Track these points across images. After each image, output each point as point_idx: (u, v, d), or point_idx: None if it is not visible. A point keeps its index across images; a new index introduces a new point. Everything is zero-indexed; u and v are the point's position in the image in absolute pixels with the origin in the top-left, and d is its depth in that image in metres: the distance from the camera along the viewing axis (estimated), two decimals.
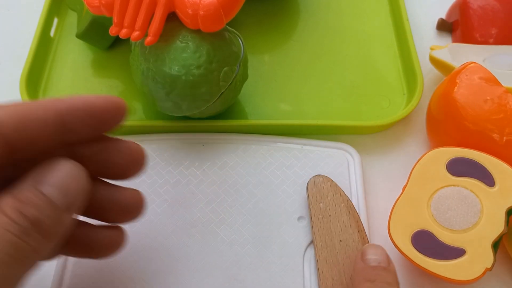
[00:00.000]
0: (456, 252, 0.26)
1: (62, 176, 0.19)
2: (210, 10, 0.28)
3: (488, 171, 0.28)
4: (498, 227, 0.27)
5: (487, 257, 0.26)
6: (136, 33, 0.29)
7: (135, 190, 0.25)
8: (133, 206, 0.24)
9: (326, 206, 0.30)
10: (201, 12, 0.28)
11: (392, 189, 0.32)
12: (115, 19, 0.29)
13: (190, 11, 0.28)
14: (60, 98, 0.21)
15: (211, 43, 0.30)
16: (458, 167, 0.29)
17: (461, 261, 0.26)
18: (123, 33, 0.29)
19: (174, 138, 0.34)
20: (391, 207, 0.29)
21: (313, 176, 0.31)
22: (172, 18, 0.30)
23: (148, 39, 0.29)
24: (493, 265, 0.26)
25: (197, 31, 0.30)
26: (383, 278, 0.25)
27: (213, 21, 0.29)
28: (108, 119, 0.22)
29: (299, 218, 0.30)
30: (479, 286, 0.29)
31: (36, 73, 0.37)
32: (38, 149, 0.20)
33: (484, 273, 0.26)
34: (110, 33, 0.30)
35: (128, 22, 0.29)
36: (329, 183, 0.30)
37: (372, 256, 0.26)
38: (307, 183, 0.31)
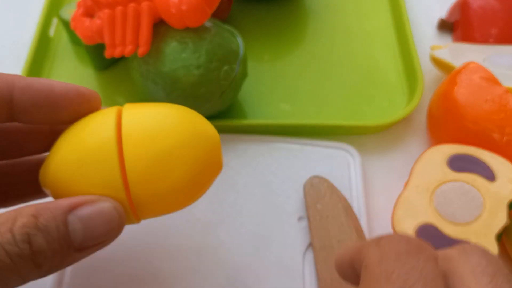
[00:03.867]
0: None
1: (95, 215, 0.18)
2: (192, 4, 0.28)
3: (488, 166, 0.29)
4: (501, 219, 0.27)
5: (492, 249, 0.26)
6: (128, 48, 0.29)
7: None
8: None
9: (324, 207, 0.29)
10: (183, 7, 0.28)
11: (392, 189, 0.32)
12: (106, 41, 0.30)
13: (173, 11, 0.29)
14: (16, 75, 0.19)
15: (210, 43, 0.30)
16: (459, 163, 0.29)
17: None
18: (117, 52, 0.30)
19: None
20: (392, 206, 0.29)
21: (310, 177, 0.31)
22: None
23: (140, 50, 0.29)
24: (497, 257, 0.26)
25: (196, 31, 0.30)
26: None
27: (197, 14, 0.29)
28: (65, 108, 0.20)
29: (299, 218, 0.30)
30: None
31: (35, 73, 0.37)
32: None
33: None
34: (105, 56, 0.30)
35: (119, 40, 0.30)
36: (326, 184, 0.30)
37: None
38: (304, 185, 0.31)
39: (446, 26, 0.42)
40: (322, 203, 0.30)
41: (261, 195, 0.31)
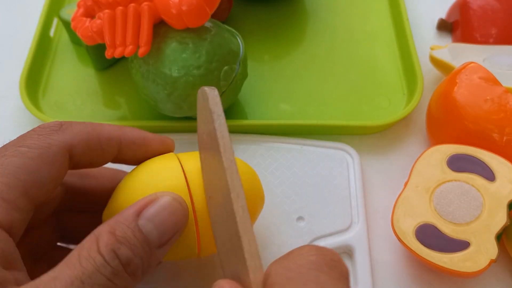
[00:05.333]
0: (460, 245, 0.27)
1: (161, 211, 0.20)
2: (192, 4, 0.28)
3: (488, 166, 0.29)
4: (500, 219, 0.27)
5: (492, 249, 0.26)
6: (129, 48, 0.29)
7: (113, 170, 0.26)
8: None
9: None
10: (184, 8, 0.28)
11: (392, 188, 0.32)
12: (107, 42, 0.30)
13: (174, 11, 0.29)
14: (121, 127, 0.23)
15: (210, 43, 0.30)
16: (459, 163, 0.29)
17: (466, 253, 0.26)
18: (117, 52, 0.30)
19: (173, 138, 0.34)
20: (391, 206, 0.29)
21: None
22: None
23: (141, 50, 0.29)
24: (497, 256, 0.26)
25: (196, 32, 0.30)
26: None
27: (197, 14, 0.29)
28: (153, 155, 0.24)
29: (298, 218, 0.30)
30: (479, 284, 0.29)
31: (35, 73, 0.37)
32: (90, 167, 0.23)
33: (489, 264, 0.26)
34: (106, 56, 0.30)
35: (119, 41, 0.30)
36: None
37: None
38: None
39: (446, 26, 0.42)
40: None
41: None
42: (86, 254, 0.18)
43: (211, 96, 0.22)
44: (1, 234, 0.18)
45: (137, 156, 0.24)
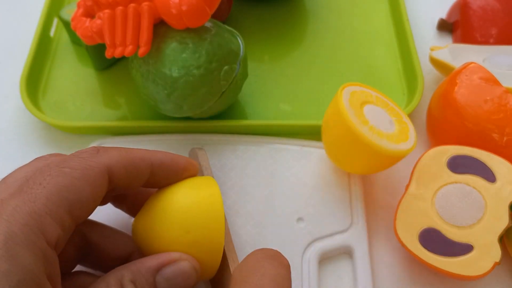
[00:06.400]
0: (464, 248, 0.27)
1: (178, 274, 0.22)
2: (192, 4, 0.28)
3: (488, 167, 0.28)
4: (503, 221, 0.27)
5: (495, 251, 0.26)
6: (129, 48, 0.29)
7: (127, 237, 0.26)
8: (124, 256, 0.26)
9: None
10: (184, 8, 0.28)
11: (392, 190, 0.32)
12: (107, 41, 0.30)
13: (174, 11, 0.29)
14: (153, 152, 0.25)
15: (210, 43, 0.30)
16: (459, 165, 0.29)
17: (470, 256, 0.26)
18: (117, 52, 0.30)
19: (172, 139, 0.34)
20: (393, 207, 0.29)
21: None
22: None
23: (141, 50, 0.29)
24: (501, 259, 0.26)
25: (196, 32, 0.30)
26: None
27: (197, 14, 0.29)
28: (184, 176, 0.26)
29: (298, 219, 0.30)
30: (479, 285, 0.29)
31: (36, 73, 0.37)
32: (127, 190, 0.25)
33: (493, 267, 0.26)
34: (106, 56, 0.30)
35: (119, 40, 0.30)
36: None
37: None
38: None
39: (446, 26, 0.42)
40: None
41: (260, 196, 0.31)
42: None
43: (200, 154, 0.30)
44: (50, 253, 0.19)
45: (169, 176, 0.25)
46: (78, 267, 0.25)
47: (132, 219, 0.26)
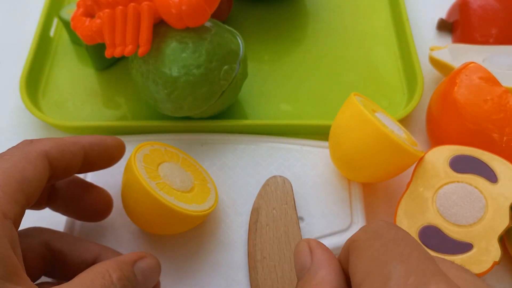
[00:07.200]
0: (463, 247, 0.27)
1: (149, 267, 0.24)
2: (192, 4, 0.28)
3: (490, 168, 0.28)
4: (503, 221, 0.27)
5: (495, 251, 0.26)
6: (128, 48, 0.29)
7: (106, 192, 0.29)
8: (103, 209, 0.29)
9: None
10: (184, 7, 0.28)
11: (392, 190, 0.32)
12: (106, 41, 0.30)
13: (174, 11, 0.29)
14: (83, 136, 0.26)
15: (210, 43, 0.30)
16: (461, 164, 0.29)
17: (469, 255, 0.26)
18: (117, 52, 0.30)
19: (172, 138, 0.34)
20: (394, 207, 0.29)
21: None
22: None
23: (140, 50, 0.29)
24: (501, 258, 0.26)
25: (196, 31, 0.30)
26: None
27: (197, 14, 0.29)
28: (114, 154, 0.28)
29: (298, 218, 0.30)
30: None
31: (36, 73, 0.37)
32: (68, 174, 0.26)
33: (492, 266, 0.26)
34: (106, 55, 0.30)
35: (119, 40, 0.30)
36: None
37: None
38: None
39: (446, 26, 0.42)
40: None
41: None
42: (101, 282, 0.21)
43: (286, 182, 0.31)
44: (9, 225, 0.20)
45: (100, 154, 0.27)
46: (43, 279, 0.25)
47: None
